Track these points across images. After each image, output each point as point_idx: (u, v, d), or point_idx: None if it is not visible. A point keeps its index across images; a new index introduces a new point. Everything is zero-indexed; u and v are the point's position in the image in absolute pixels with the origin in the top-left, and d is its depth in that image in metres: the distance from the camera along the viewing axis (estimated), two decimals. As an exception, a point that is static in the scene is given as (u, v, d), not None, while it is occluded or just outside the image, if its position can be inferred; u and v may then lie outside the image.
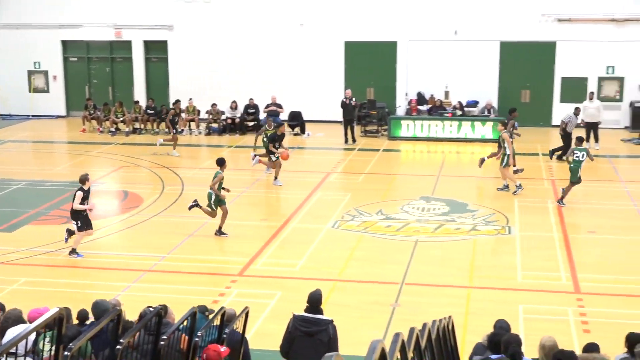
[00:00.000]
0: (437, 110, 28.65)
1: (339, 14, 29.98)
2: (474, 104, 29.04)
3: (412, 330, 5.52)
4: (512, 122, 22.31)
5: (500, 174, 20.67)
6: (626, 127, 28.47)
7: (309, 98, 30.18)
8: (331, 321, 8.85)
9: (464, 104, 28.88)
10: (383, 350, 3.75)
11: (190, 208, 17.06)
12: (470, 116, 28.13)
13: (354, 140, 27.27)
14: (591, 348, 7.68)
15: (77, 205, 15.31)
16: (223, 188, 16.86)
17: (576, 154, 19.31)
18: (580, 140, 20.14)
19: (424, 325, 6.74)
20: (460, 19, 29.13)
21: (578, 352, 7.80)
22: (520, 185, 20.24)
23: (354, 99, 27.60)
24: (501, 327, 8.57)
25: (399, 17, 29.53)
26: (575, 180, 19.23)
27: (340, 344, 9.11)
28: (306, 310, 8.88)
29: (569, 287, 14.16)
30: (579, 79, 28.99)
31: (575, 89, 28.73)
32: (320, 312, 8.90)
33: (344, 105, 27.47)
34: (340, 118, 28.09)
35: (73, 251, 15.60)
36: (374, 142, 27.67)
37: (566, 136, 23.92)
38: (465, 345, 11.06)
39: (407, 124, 27.84)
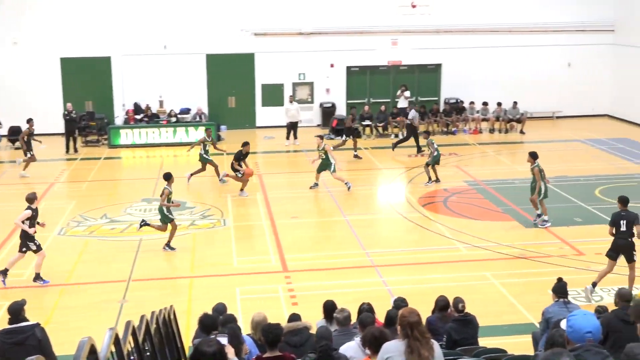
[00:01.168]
0: (153, 118, 28.22)
1: (53, 32, 28.39)
2: (187, 111, 28.96)
3: (128, 323, 5.35)
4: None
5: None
6: (318, 125, 29.94)
7: (29, 113, 28.21)
8: (37, 324, 8.33)
9: (178, 111, 28.71)
10: (93, 346, 3.59)
11: (140, 227, 15.80)
12: (184, 122, 28.06)
13: (75, 150, 26.08)
14: (293, 318, 8.01)
15: (19, 222, 13.30)
16: (172, 202, 15.71)
17: (434, 144, 20.83)
18: (428, 133, 22.19)
19: (142, 317, 6.58)
20: (168, 34, 28.87)
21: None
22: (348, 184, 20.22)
23: (74, 112, 26.40)
24: (216, 310, 8.66)
25: (112, 33, 28.59)
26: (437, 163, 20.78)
27: (68, 344, 8.64)
28: (9, 323, 8.32)
29: (278, 267, 14.67)
30: (277, 85, 30.01)
31: (273, 94, 29.74)
32: (23, 320, 8.35)
33: (65, 118, 26.17)
34: (61, 130, 26.71)
35: (37, 277, 13.50)
36: (95, 151, 26.61)
37: (412, 130, 25.12)
38: (189, 329, 11.04)
39: (125, 132, 27.16)
